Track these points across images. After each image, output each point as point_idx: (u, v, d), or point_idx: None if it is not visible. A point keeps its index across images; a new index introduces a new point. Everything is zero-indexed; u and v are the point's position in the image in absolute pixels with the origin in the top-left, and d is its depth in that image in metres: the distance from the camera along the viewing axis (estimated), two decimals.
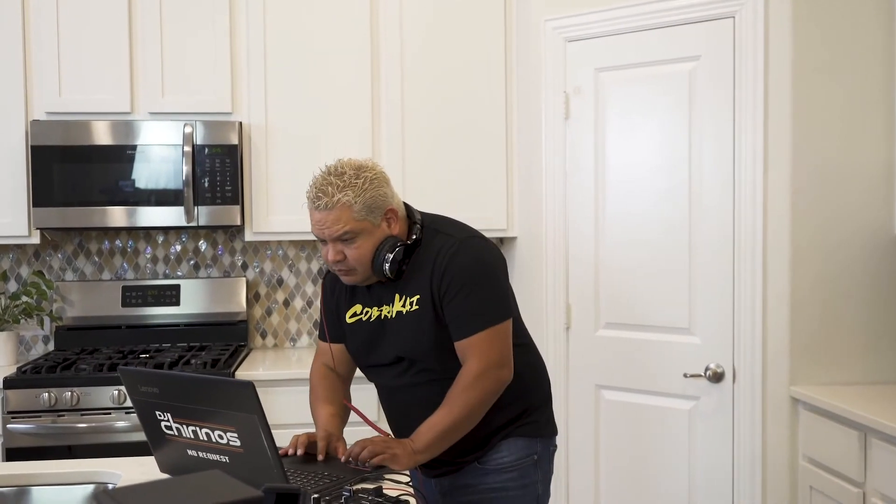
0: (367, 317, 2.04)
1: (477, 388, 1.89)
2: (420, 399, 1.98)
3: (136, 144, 3.30)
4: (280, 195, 3.43)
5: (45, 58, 3.31)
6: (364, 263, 1.92)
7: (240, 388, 1.58)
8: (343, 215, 1.87)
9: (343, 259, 1.92)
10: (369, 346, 2.04)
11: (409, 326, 1.95)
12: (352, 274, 1.95)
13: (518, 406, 2.03)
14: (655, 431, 3.01)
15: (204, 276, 3.73)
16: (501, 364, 1.92)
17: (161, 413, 1.74)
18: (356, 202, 1.87)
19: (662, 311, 2.98)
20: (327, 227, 1.89)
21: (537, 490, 2.06)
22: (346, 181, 1.88)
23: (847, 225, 2.77)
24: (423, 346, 1.94)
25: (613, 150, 3.08)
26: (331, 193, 1.87)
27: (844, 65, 2.75)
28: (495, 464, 2.01)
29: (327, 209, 1.87)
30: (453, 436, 1.89)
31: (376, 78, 3.47)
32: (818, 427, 2.64)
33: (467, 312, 1.90)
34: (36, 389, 3.02)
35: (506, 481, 2.01)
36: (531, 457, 2.04)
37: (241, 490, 1.04)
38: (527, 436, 2.04)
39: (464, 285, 1.91)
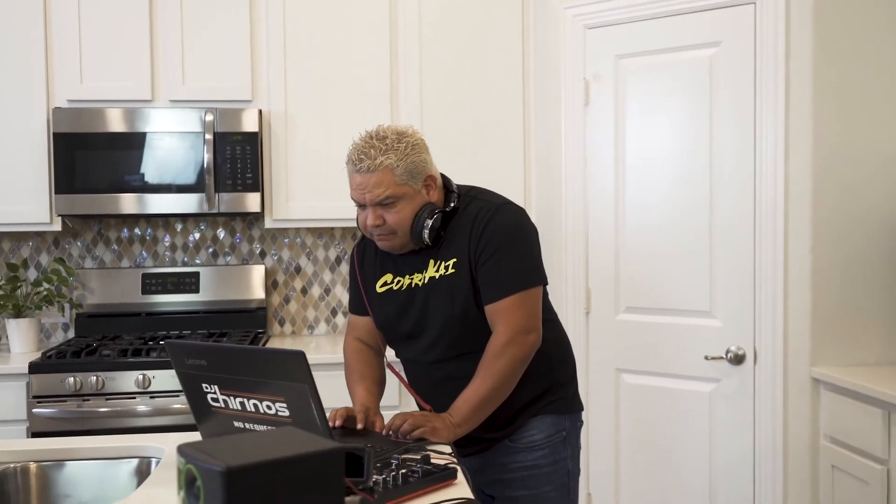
0: (397, 286, 2.03)
1: (506, 356, 1.89)
2: (448, 374, 1.99)
3: (156, 132, 3.32)
4: (299, 182, 3.45)
5: (66, 46, 3.33)
6: (404, 228, 1.92)
7: (291, 357, 1.60)
8: (385, 178, 1.87)
9: (382, 224, 1.92)
10: (399, 315, 2.03)
11: (444, 290, 1.95)
12: (390, 239, 1.95)
13: (545, 382, 2.04)
14: (676, 414, 3.04)
15: (222, 263, 3.76)
16: (529, 329, 1.92)
17: (208, 385, 1.76)
18: (398, 166, 1.88)
19: (683, 295, 3.01)
20: (369, 191, 1.89)
21: (567, 466, 2.08)
22: (389, 145, 1.88)
23: (867, 209, 2.80)
24: (456, 309, 1.94)
25: (633, 136, 3.11)
26: (373, 156, 1.87)
27: (865, 50, 2.78)
28: (526, 442, 2.02)
29: (369, 172, 1.87)
30: (489, 406, 1.90)
31: (395, 66, 3.49)
32: (840, 407, 2.67)
33: (499, 276, 1.91)
34: (61, 374, 3.04)
35: (537, 459, 2.02)
36: (560, 433, 2.06)
37: (319, 442, 1.07)
38: (555, 412, 2.05)
39: (498, 248, 1.91)
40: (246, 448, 1.04)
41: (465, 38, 3.49)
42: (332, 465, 1.04)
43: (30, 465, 1.87)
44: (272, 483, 1.00)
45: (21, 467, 1.86)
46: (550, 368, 2.06)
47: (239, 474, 0.97)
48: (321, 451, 1.04)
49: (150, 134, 3.33)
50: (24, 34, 3.30)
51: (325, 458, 1.04)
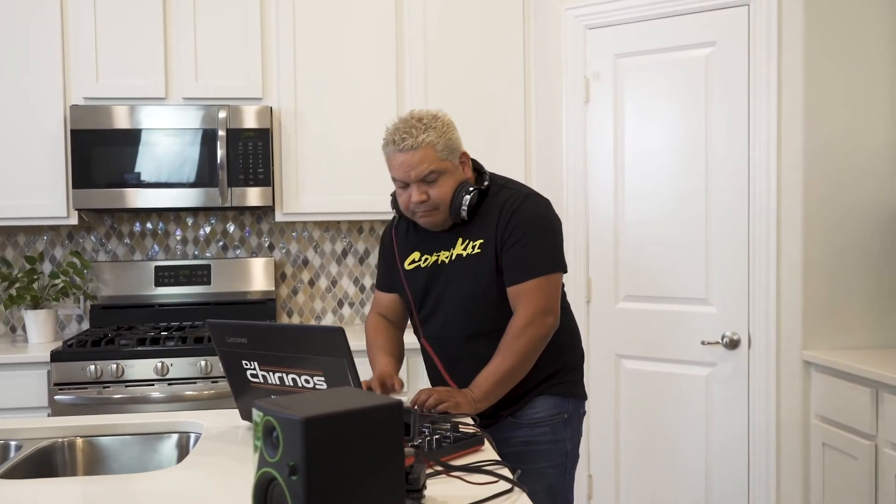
0: (424, 263, 2.15)
1: (526, 336, 2.00)
2: (466, 352, 2.10)
3: (170, 128, 3.43)
4: (309, 177, 3.57)
5: (82, 45, 3.44)
6: (446, 202, 2.04)
7: (330, 333, 1.72)
8: (428, 155, 2.00)
9: (426, 199, 2.03)
10: (425, 291, 2.15)
11: (468, 269, 2.07)
12: (433, 215, 2.06)
13: (553, 365, 2.14)
14: (673, 397, 3.18)
15: (232, 256, 3.87)
16: (548, 311, 2.03)
17: (247, 362, 1.88)
18: (439, 142, 2.01)
19: (680, 283, 3.16)
20: (413, 168, 2.00)
21: (566, 447, 2.17)
22: (427, 124, 2.02)
23: (856, 199, 2.95)
24: (478, 288, 2.06)
25: (632, 132, 3.25)
26: (415, 135, 1.99)
27: (854, 50, 2.94)
28: (528, 418, 2.12)
29: (413, 150, 1.99)
30: (509, 383, 2.01)
31: (400, 65, 3.62)
32: (830, 387, 2.82)
33: (524, 260, 2.03)
34: (82, 362, 3.15)
35: (537, 435, 2.12)
36: (562, 414, 2.15)
37: (381, 398, 1.20)
38: (558, 395, 2.15)
39: (524, 234, 2.03)
40: (317, 402, 1.16)
41: (469, 38, 3.62)
42: (394, 417, 1.17)
43: (76, 440, 1.98)
44: (344, 432, 1.12)
45: (68, 441, 1.97)
46: (561, 353, 2.17)
47: (316, 423, 1.10)
48: (385, 404, 1.17)
49: (164, 130, 3.43)
50: (42, 34, 3.40)
51: (388, 410, 1.17)
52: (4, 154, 3.39)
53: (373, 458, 1.15)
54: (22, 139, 3.40)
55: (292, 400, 1.19)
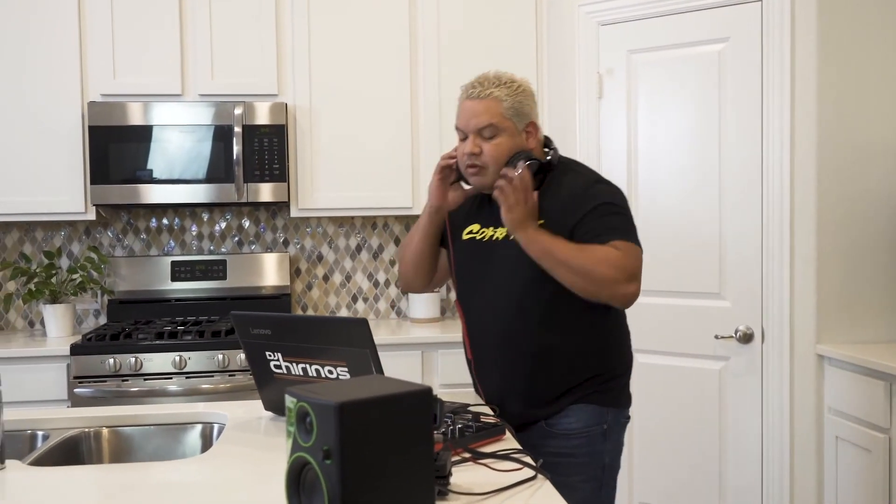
0: (480, 236, 2.07)
1: (604, 265, 1.85)
2: (510, 336, 1.97)
3: (187, 125, 3.46)
4: (324, 173, 3.60)
5: (99, 43, 3.47)
6: (498, 162, 1.95)
7: (354, 324, 1.75)
8: (492, 107, 1.95)
9: (479, 153, 1.96)
10: (475, 265, 2.05)
11: (520, 249, 1.93)
12: (482, 173, 1.98)
13: (595, 367, 2.00)
14: (687, 391, 3.20)
15: (247, 252, 3.90)
16: (632, 277, 1.88)
17: (271, 353, 1.91)
18: (506, 100, 1.96)
19: (693, 278, 3.18)
20: (474, 117, 1.96)
21: (604, 460, 2.02)
22: (502, 81, 1.98)
23: (870, 193, 2.97)
24: (530, 271, 1.92)
25: (645, 127, 3.27)
26: (486, 86, 1.97)
27: (867, 44, 2.95)
28: (563, 428, 1.99)
29: (479, 98, 1.96)
30: (558, 261, 1.86)
31: (414, 63, 3.64)
32: (844, 381, 2.84)
33: (605, 226, 1.90)
34: (101, 356, 3.19)
35: (572, 448, 1.98)
36: (600, 425, 2.00)
37: (410, 385, 1.22)
38: (598, 403, 2.00)
39: (603, 206, 1.92)
40: (349, 389, 1.19)
41: (482, 35, 3.65)
42: (423, 403, 1.20)
43: (102, 430, 2.01)
44: (376, 417, 1.15)
45: (94, 431, 2.00)
46: (606, 355, 2.03)
47: (349, 408, 1.13)
48: (415, 390, 1.20)
49: (180, 127, 3.46)
50: (60, 32, 3.44)
51: (418, 396, 1.19)
52: (23, 150, 3.43)
53: (403, 443, 1.17)
54: (40, 136, 3.44)
55: (324, 387, 1.22)
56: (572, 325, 1.98)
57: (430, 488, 1.22)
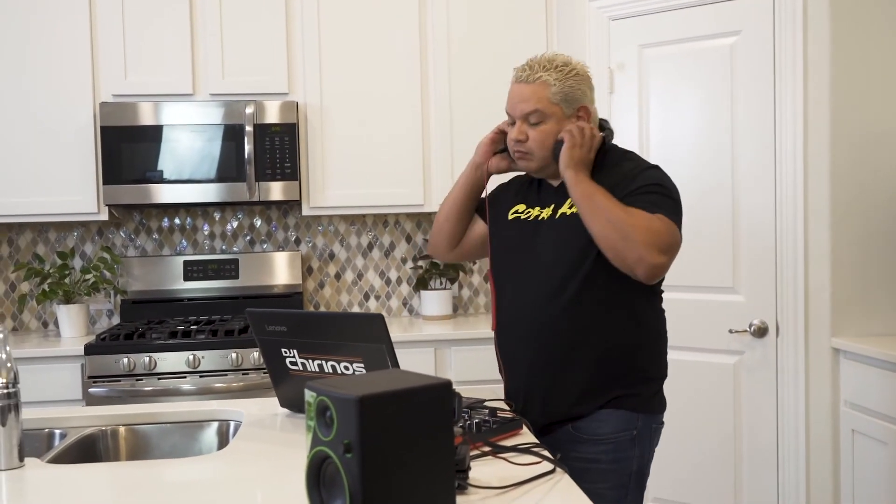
0: (526, 216, 2.02)
1: (641, 227, 1.79)
2: (551, 319, 1.90)
3: (198, 124, 3.47)
4: (335, 171, 3.60)
5: (110, 43, 3.48)
6: (544, 148, 1.92)
7: (369, 320, 1.75)
8: (539, 92, 1.90)
9: (525, 140, 1.93)
10: (520, 243, 1.99)
11: (571, 228, 1.89)
12: (528, 158, 1.96)
13: (627, 367, 1.92)
14: (702, 386, 3.19)
15: (259, 251, 3.91)
16: (665, 250, 1.82)
17: (287, 350, 1.91)
18: (555, 84, 1.90)
19: (707, 272, 3.16)
20: (521, 102, 1.92)
21: (632, 466, 1.92)
22: (554, 65, 1.91)
23: (884, 185, 2.95)
24: (572, 251, 1.89)
25: (657, 122, 3.26)
26: (536, 69, 1.91)
27: (880, 36, 2.93)
28: (590, 433, 1.91)
29: (527, 82, 1.91)
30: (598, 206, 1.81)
31: (424, 59, 3.64)
32: (860, 374, 2.83)
33: (653, 202, 1.85)
34: (115, 355, 3.20)
35: (598, 453, 1.90)
36: (630, 431, 1.91)
37: (430, 378, 1.22)
38: (627, 408, 1.91)
39: (654, 186, 1.88)
40: (369, 383, 1.19)
41: (492, 31, 3.64)
42: (444, 396, 1.19)
43: (119, 428, 2.02)
44: (396, 410, 1.15)
45: (111, 430, 2.01)
46: (638, 355, 1.94)
47: (370, 402, 1.12)
48: (436, 384, 1.19)
49: (191, 126, 3.47)
50: (71, 32, 3.45)
51: (439, 390, 1.19)
52: (36, 151, 3.44)
53: (424, 437, 1.17)
54: (52, 136, 3.45)
55: (343, 381, 1.21)
56: (608, 317, 1.90)
57: (451, 482, 1.21)
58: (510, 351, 2.00)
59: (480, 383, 2.19)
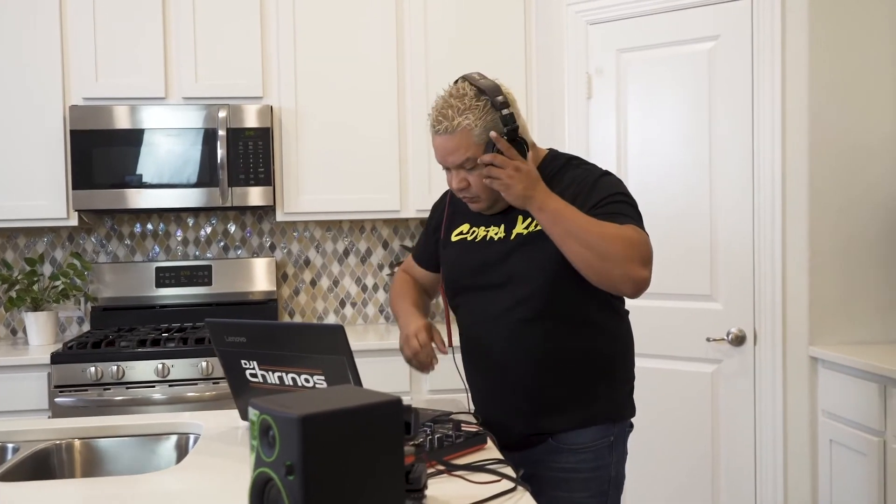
0: (472, 236, 1.95)
1: (620, 240, 1.71)
2: (509, 336, 1.85)
3: (170, 128, 3.41)
4: (310, 176, 3.55)
5: (81, 45, 3.42)
6: (488, 191, 1.83)
7: (330, 331, 1.70)
8: (463, 141, 1.78)
9: (467, 187, 1.85)
10: (473, 265, 1.93)
11: (531, 246, 1.84)
12: (477, 202, 1.88)
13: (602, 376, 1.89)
14: (678, 395, 3.15)
15: (233, 257, 3.85)
16: (646, 261, 1.74)
17: (246, 361, 1.85)
18: (476, 126, 1.77)
19: (684, 280, 3.13)
20: (449, 154, 1.81)
21: (610, 473, 1.91)
22: (468, 104, 1.78)
23: (863, 192, 2.92)
24: (533, 271, 1.83)
25: (635, 127, 3.23)
26: (451, 117, 1.78)
27: (858, 42, 2.91)
28: (569, 442, 1.88)
29: (448, 134, 1.79)
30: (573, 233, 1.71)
31: (401, 63, 3.60)
32: (837, 383, 2.79)
33: (619, 212, 1.78)
34: (82, 364, 3.13)
35: (578, 462, 1.88)
36: (607, 438, 1.91)
37: (379, 395, 1.17)
38: (606, 419, 1.91)
39: (615, 195, 1.81)
40: (315, 400, 1.14)
41: (471, 35, 3.60)
42: (393, 414, 1.14)
43: (74, 442, 1.95)
44: (342, 430, 1.10)
45: (66, 443, 1.95)
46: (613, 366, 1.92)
47: (313, 421, 1.07)
48: (384, 401, 1.14)
49: (164, 130, 3.41)
50: (41, 34, 3.38)
51: (387, 407, 1.14)
52: (4, 155, 3.38)
53: (372, 457, 1.12)
54: (21, 140, 3.38)
55: (289, 398, 1.16)
56: (577, 331, 1.87)
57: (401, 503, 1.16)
58: (477, 373, 1.97)
59: (456, 392, 2.14)
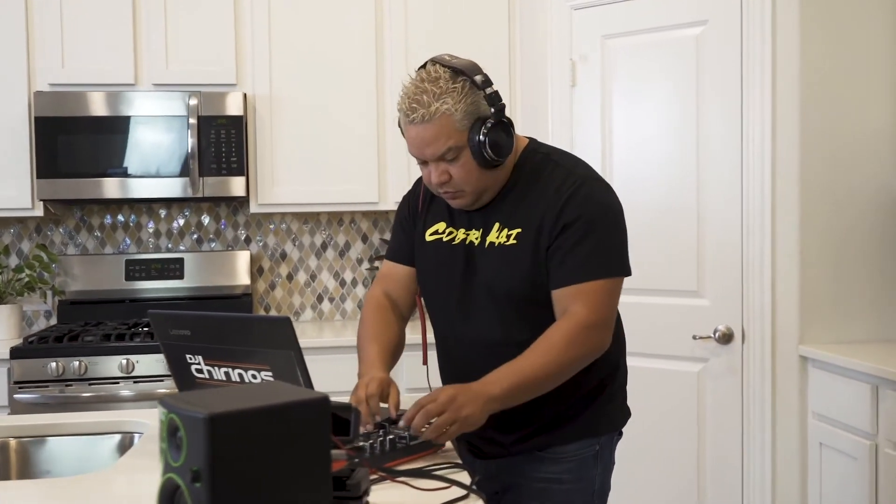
0: (450, 237, 1.78)
1: (579, 343, 1.61)
2: (487, 355, 1.70)
3: (140, 115, 3.29)
4: (285, 166, 3.43)
5: (47, 29, 3.29)
6: (473, 181, 1.66)
7: (276, 324, 1.58)
8: (444, 128, 1.60)
9: (449, 180, 1.66)
10: (441, 273, 1.79)
11: (500, 260, 1.69)
12: (461, 197, 1.70)
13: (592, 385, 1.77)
14: (664, 395, 3.03)
15: (207, 249, 3.72)
16: (608, 325, 1.65)
17: (192, 356, 1.73)
18: (457, 110, 1.60)
19: (670, 275, 3.01)
20: (428, 145, 1.62)
21: (594, 484, 1.79)
22: (444, 87, 1.60)
23: (856, 184, 2.81)
24: (503, 288, 1.70)
25: (621, 117, 3.10)
26: (426, 103, 1.59)
27: (852, 28, 2.78)
28: (551, 452, 1.77)
29: (425, 122, 1.60)
30: (536, 390, 1.61)
31: (380, 48, 3.48)
32: (828, 384, 2.67)
33: (586, 255, 1.63)
34: (43, 359, 3.01)
35: (560, 472, 1.76)
36: (592, 447, 1.79)
37: (304, 393, 1.05)
38: (593, 430, 1.79)
39: (585, 224, 1.64)
40: (230, 397, 1.02)
41: (452, 20, 3.48)
42: (316, 415, 1.02)
43: (9, 441, 1.83)
44: (257, 431, 0.98)
45: (1, 443, 1.83)
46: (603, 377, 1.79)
47: (222, 421, 0.95)
48: (305, 400, 1.02)
49: (133, 118, 3.29)
50: (5, 17, 3.26)
51: (309, 407, 1.02)
52: None
53: (293, 463, 1.00)
54: None
55: (203, 395, 1.04)
56: None
57: None
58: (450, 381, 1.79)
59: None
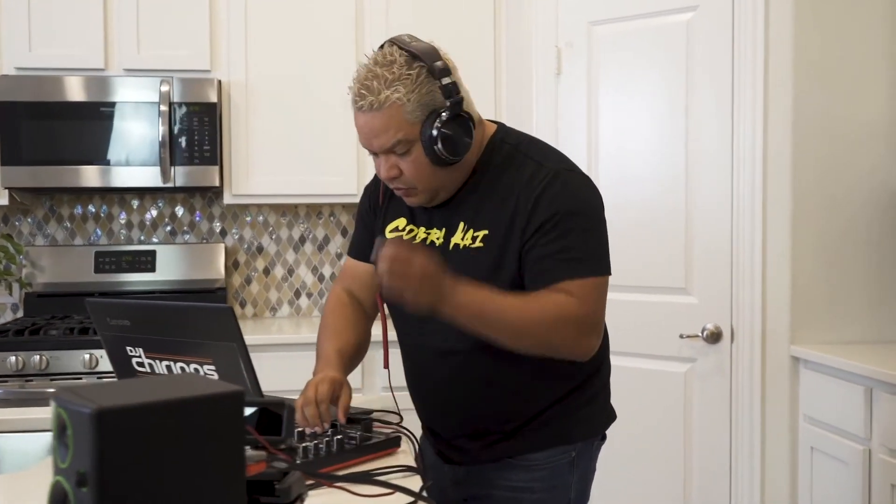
0: (409, 235, 1.65)
1: (560, 328, 1.47)
2: (452, 368, 1.60)
3: (110, 101, 3.17)
4: (261, 155, 3.31)
5: (14, 11, 3.17)
6: (426, 177, 1.52)
7: (217, 313, 1.46)
8: (393, 118, 1.46)
9: (399, 175, 1.53)
10: None
11: (464, 265, 1.53)
12: (412, 193, 1.57)
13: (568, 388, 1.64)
14: (650, 395, 2.91)
15: (181, 242, 3.60)
16: (592, 329, 1.51)
17: (132, 348, 1.61)
18: (409, 100, 1.46)
19: (657, 271, 2.89)
20: (375, 136, 1.49)
21: (569, 494, 1.66)
22: (397, 73, 1.47)
23: (850, 180, 2.69)
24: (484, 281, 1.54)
25: (607, 107, 2.99)
26: (376, 90, 1.46)
27: (847, 16, 2.67)
28: (522, 458, 1.64)
29: (373, 111, 1.47)
30: (493, 327, 1.45)
31: (360, 37, 3.36)
32: (820, 386, 2.56)
33: (559, 256, 1.49)
34: (3, 353, 2.88)
35: (531, 480, 1.63)
36: (567, 454, 1.65)
37: (215, 386, 0.93)
38: (568, 441, 1.65)
39: (563, 220, 1.49)
40: (130, 391, 0.90)
41: (435, 6, 3.36)
42: (226, 410, 0.90)
43: None
44: (154, 430, 0.85)
45: None
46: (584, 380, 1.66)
47: (112, 417, 0.83)
48: (217, 394, 0.90)
49: (103, 104, 3.17)
50: None
51: (218, 402, 0.89)
52: None
53: (197, 464, 0.88)
54: None
55: (98, 388, 0.91)
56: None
57: None
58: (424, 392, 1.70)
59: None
